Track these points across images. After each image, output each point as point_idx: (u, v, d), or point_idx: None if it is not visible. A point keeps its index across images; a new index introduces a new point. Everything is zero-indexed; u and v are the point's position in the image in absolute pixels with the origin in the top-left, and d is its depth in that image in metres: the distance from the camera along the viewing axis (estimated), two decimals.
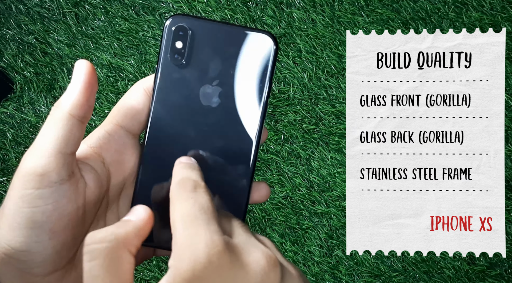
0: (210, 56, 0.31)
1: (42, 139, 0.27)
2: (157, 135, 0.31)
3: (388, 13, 0.82)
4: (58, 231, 0.27)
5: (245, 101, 0.31)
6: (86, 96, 0.27)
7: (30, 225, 0.26)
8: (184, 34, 0.31)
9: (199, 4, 0.85)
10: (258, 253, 0.26)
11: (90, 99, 0.28)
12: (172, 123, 0.31)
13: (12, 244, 0.26)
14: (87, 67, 0.28)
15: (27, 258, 0.27)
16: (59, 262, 0.28)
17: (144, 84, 0.31)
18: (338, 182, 0.81)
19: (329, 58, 0.83)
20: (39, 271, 0.27)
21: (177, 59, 0.31)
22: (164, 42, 0.31)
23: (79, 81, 0.28)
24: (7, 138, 0.86)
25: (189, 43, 0.31)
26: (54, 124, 0.27)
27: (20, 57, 0.88)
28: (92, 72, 0.28)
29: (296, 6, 0.84)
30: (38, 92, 0.87)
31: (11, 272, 0.27)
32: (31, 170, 0.26)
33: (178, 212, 0.26)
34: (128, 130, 0.31)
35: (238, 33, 0.31)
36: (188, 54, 0.31)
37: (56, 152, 0.27)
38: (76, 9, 0.88)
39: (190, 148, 0.31)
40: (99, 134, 0.30)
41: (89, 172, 0.29)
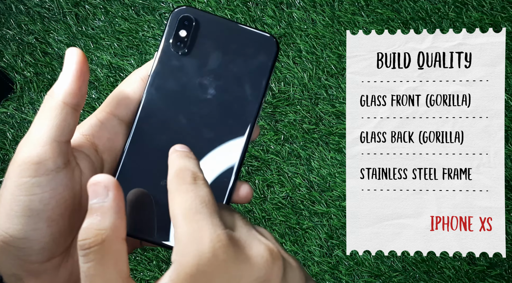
0: (211, 50, 0.31)
1: (37, 128, 0.27)
2: (147, 118, 0.31)
3: (388, 13, 0.82)
4: (55, 218, 0.27)
5: (240, 97, 0.31)
6: (79, 84, 0.28)
7: (27, 213, 0.26)
8: (189, 24, 0.31)
9: (199, 4, 0.86)
10: (261, 247, 0.26)
11: (82, 87, 0.28)
12: (164, 108, 0.31)
13: (10, 232, 0.27)
14: (78, 55, 0.28)
15: (25, 246, 0.27)
16: (57, 249, 0.28)
17: (141, 73, 0.31)
18: (338, 182, 0.81)
19: (329, 58, 0.83)
20: (37, 258, 0.27)
21: (178, 47, 0.31)
22: (168, 29, 0.31)
23: (70, 70, 0.28)
24: (7, 138, 0.86)
25: (192, 33, 0.31)
26: (48, 113, 0.27)
27: (20, 57, 0.88)
28: (83, 60, 0.28)
29: (296, 6, 0.84)
30: (38, 92, 0.87)
31: (9, 259, 0.27)
32: (27, 159, 0.26)
33: (178, 206, 0.26)
34: (121, 119, 0.31)
35: (242, 31, 0.31)
36: (190, 44, 0.31)
37: (52, 140, 0.27)
38: (76, 9, 0.88)
39: (179, 136, 0.31)
40: (91, 122, 0.30)
41: (84, 160, 0.29)
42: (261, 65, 0.31)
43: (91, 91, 0.86)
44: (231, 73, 0.31)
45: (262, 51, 0.31)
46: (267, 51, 0.31)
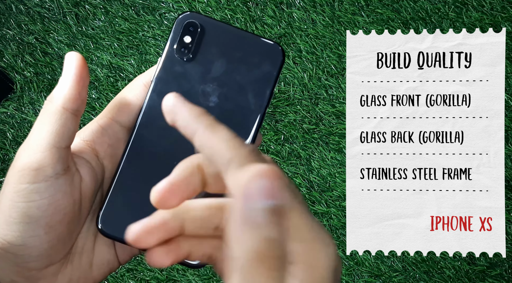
0: (216, 56, 0.31)
1: (36, 134, 0.27)
2: (148, 124, 0.30)
3: (388, 13, 0.82)
4: (53, 225, 0.27)
5: (243, 106, 0.31)
6: (78, 89, 0.27)
7: (25, 220, 0.26)
8: (194, 30, 0.31)
9: (199, 4, 0.85)
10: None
11: (82, 92, 0.27)
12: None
13: (8, 238, 0.26)
14: (78, 59, 0.28)
15: (23, 252, 0.27)
16: (55, 256, 0.28)
17: (144, 79, 0.31)
18: (338, 182, 0.81)
19: (329, 58, 0.83)
20: (35, 265, 0.27)
21: (183, 53, 0.30)
22: (172, 35, 0.31)
23: (70, 75, 0.27)
24: (7, 139, 0.86)
25: (197, 40, 0.30)
26: (47, 119, 0.27)
27: (20, 57, 0.88)
28: (83, 64, 0.28)
29: (296, 6, 0.84)
30: (38, 92, 0.87)
31: (7, 266, 0.27)
32: (26, 165, 0.26)
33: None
34: (122, 125, 0.30)
35: (248, 39, 0.31)
36: (194, 50, 0.30)
37: (51, 146, 0.26)
38: (76, 9, 0.88)
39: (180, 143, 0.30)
40: (92, 127, 0.30)
41: (84, 166, 0.29)
42: (266, 74, 0.31)
43: (91, 91, 0.86)
44: (235, 81, 0.30)
45: (268, 60, 0.31)
46: (273, 60, 0.31)
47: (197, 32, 0.31)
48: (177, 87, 0.30)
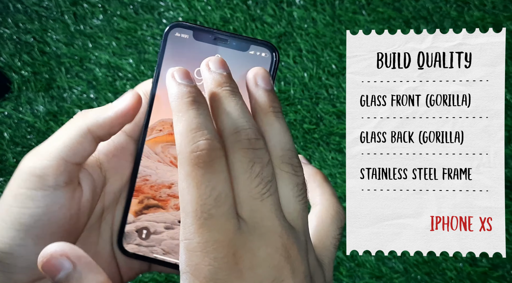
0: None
1: (51, 141, 0.26)
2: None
3: (389, 12, 0.82)
4: (44, 237, 0.26)
5: None
6: (113, 123, 0.27)
7: (16, 226, 0.25)
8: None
9: (199, 3, 0.85)
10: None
11: (115, 127, 0.27)
12: None
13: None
14: (133, 98, 0.27)
15: (9, 262, 0.26)
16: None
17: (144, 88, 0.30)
18: (339, 182, 0.81)
19: (329, 57, 0.83)
20: (21, 277, 0.26)
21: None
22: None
23: (117, 107, 0.27)
24: (5, 139, 0.86)
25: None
26: (68, 131, 0.26)
27: (18, 57, 0.87)
28: (133, 105, 0.27)
29: (297, 5, 0.84)
30: (36, 92, 0.86)
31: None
32: (29, 169, 0.26)
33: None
34: (128, 135, 0.30)
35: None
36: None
37: (60, 157, 0.26)
38: (74, 8, 0.87)
39: None
40: None
41: (86, 179, 0.28)
42: None
43: (89, 91, 0.85)
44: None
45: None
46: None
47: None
48: None
